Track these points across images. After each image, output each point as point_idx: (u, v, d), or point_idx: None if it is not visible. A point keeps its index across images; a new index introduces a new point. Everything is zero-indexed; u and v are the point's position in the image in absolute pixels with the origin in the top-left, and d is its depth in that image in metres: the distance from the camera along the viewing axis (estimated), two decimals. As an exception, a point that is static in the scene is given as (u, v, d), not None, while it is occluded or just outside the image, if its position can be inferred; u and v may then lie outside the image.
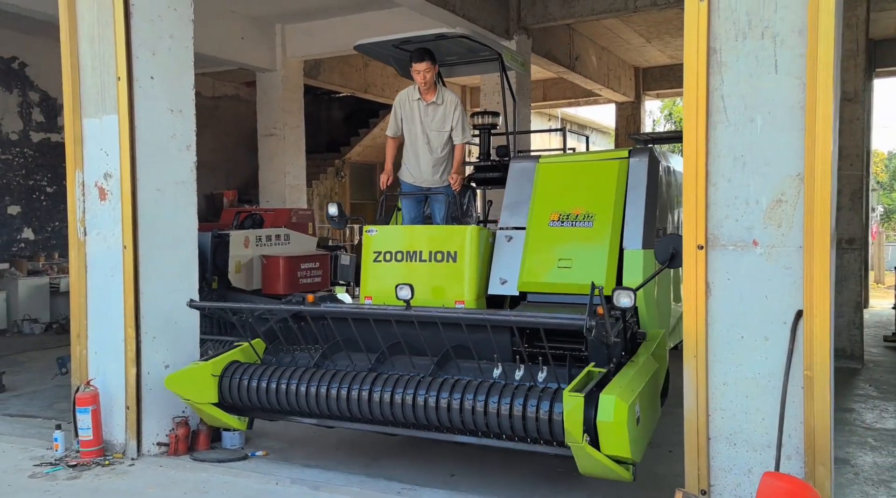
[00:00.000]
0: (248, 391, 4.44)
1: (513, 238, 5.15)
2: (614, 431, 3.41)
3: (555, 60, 12.30)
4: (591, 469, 3.57)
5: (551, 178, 5.31)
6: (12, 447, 5.07)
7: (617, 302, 3.81)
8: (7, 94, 10.69)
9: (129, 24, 4.74)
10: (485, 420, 3.78)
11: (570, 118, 23.94)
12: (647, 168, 4.95)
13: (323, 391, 4.20)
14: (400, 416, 4.01)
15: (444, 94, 5.79)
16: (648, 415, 3.81)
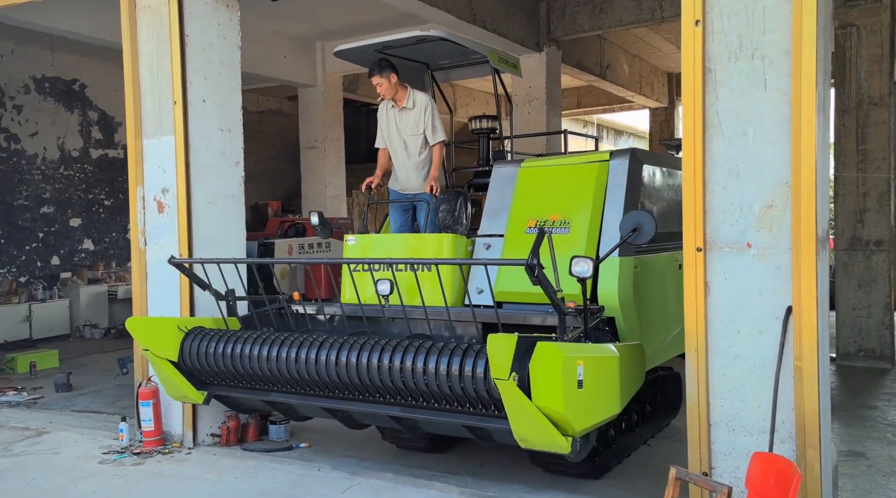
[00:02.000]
0: (206, 355, 4.44)
1: (491, 246, 4.96)
2: (546, 376, 3.30)
3: (585, 70, 12.59)
4: (526, 431, 3.44)
5: (531, 182, 5.08)
6: (83, 438, 5.60)
7: (572, 270, 3.77)
8: (69, 114, 11.43)
9: (184, 54, 5.24)
10: (412, 380, 3.72)
11: (606, 124, 24.12)
12: (627, 171, 4.72)
13: (264, 353, 4.21)
14: (326, 377, 4.01)
15: (415, 97, 5.67)
16: (597, 394, 3.65)
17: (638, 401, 5.27)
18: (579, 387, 3.40)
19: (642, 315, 4.62)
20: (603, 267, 4.39)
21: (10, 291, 10.20)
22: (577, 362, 3.39)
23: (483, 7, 9.25)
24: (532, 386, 3.33)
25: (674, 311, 5.09)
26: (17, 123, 10.69)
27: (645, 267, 4.75)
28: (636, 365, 4.26)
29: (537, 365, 3.32)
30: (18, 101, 10.69)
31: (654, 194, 5.11)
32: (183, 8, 5.21)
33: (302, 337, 4.19)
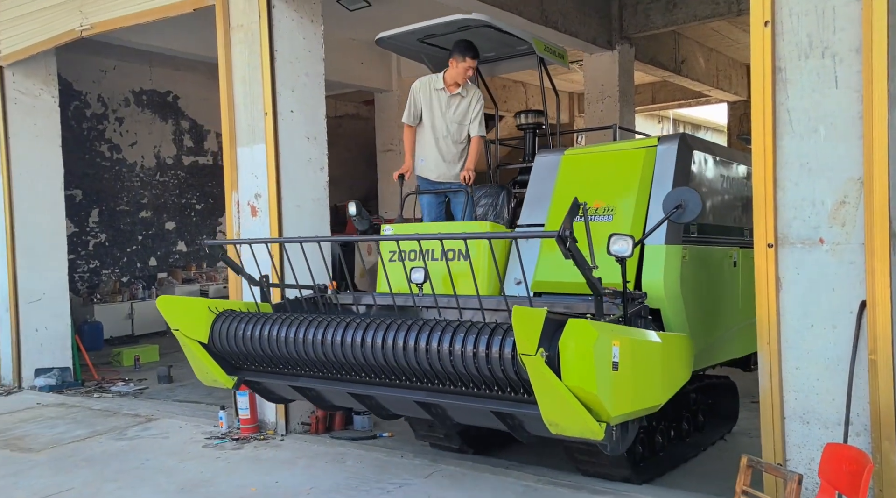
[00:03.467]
0: (235, 337, 4.30)
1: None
2: (578, 354, 3.09)
3: (660, 66, 12.48)
4: (556, 414, 3.21)
5: (574, 170, 4.85)
6: (187, 424, 6.08)
7: (611, 248, 3.56)
8: (164, 124, 12.20)
9: (274, 67, 5.62)
10: (438, 361, 3.51)
11: (682, 119, 23.64)
12: (675, 157, 4.45)
13: (291, 335, 4.05)
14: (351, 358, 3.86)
15: (468, 87, 5.58)
16: (635, 380, 3.41)
17: (690, 410, 5.25)
18: (614, 369, 3.20)
19: (690, 309, 4.36)
20: (648, 254, 4.19)
21: (114, 291, 11.01)
22: (613, 342, 3.19)
23: (554, 8, 9.36)
24: (562, 364, 3.13)
25: (727, 311, 4.87)
26: (119, 134, 11.50)
27: (694, 258, 4.52)
28: (681, 358, 4.00)
29: (568, 342, 3.11)
30: (120, 113, 11.49)
31: (707, 184, 4.83)
32: (272, 25, 5.59)
33: (328, 319, 4.03)
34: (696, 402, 5.35)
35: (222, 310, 4.50)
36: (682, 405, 5.14)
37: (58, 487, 4.72)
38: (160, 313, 4.42)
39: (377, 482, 4.59)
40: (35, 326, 7.88)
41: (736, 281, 4.99)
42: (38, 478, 4.92)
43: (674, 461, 4.90)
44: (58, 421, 6.41)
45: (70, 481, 4.83)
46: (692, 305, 4.40)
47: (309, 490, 4.49)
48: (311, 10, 5.88)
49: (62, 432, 6.01)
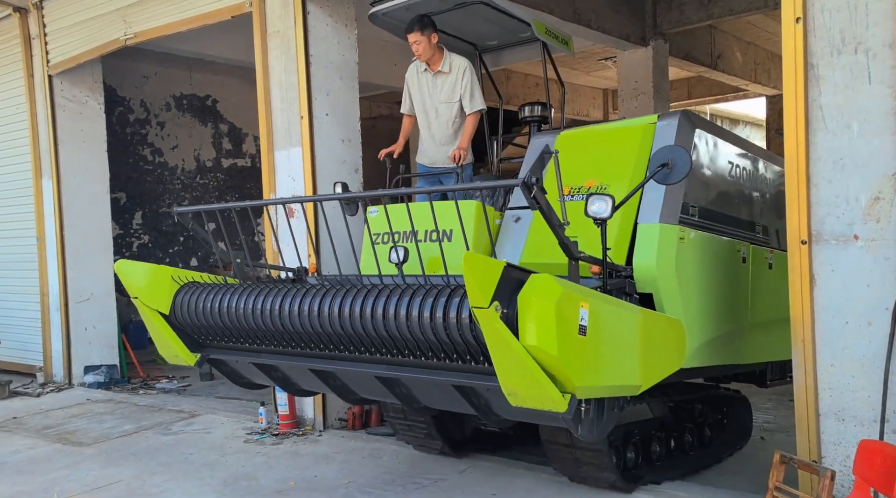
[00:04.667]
0: (197, 308, 4.07)
1: (521, 218, 4.43)
2: (538, 311, 2.79)
3: (695, 61, 12.34)
4: (514, 381, 2.92)
5: (568, 149, 4.52)
6: (228, 420, 6.26)
7: (588, 209, 3.31)
8: (203, 127, 12.49)
9: (309, 72, 5.75)
10: (394, 326, 3.26)
11: (720, 114, 23.29)
12: (675, 133, 4.17)
13: (249, 305, 3.84)
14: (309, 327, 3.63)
15: (452, 61, 5.19)
16: (607, 351, 3.12)
17: (697, 422, 5.04)
18: (581, 333, 2.90)
19: (687, 296, 4.05)
20: (641, 233, 3.90)
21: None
22: (580, 303, 2.90)
23: (586, 6, 9.34)
24: (520, 322, 2.83)
25: (734, 308, 4.55)
26: (161, 138, 11.80)
27: (695, 242, 4.22)
28: (671, 342, 3.69)
29: (528, 297, 2.82)
30: (161, 117, 11.79)
31: (711, 167, 4.50)
32: (307, 30, 5.72)
33: (287, 288, 3.80)
34: (702, 414, 5.13)
35: (188, 280, 4.28)
36: (686, 416, 5.00)
37: (107, 480, 4.92)
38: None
39: (412, 477, 4.68)
40: (84, 325, 8.18)
41: (745, 279, 4.72)
42: (89, 471, 5.13)
43: (672, 473, 4.60)
44: (106, 416, 6.65)
45: (118, 474, 5.02)
46: (689, 292, 4.09)
47: (346, 484, 4.61)
48: (345, 14, 6.00)
49: (111, 427, 6.24)
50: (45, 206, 8.26)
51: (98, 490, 4.74)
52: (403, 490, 4.48)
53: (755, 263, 4.77)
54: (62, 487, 4.81)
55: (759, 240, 4.91)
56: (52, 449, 5.70)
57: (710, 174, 4.51)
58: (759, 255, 4.85)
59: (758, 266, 4.81)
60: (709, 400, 5.22)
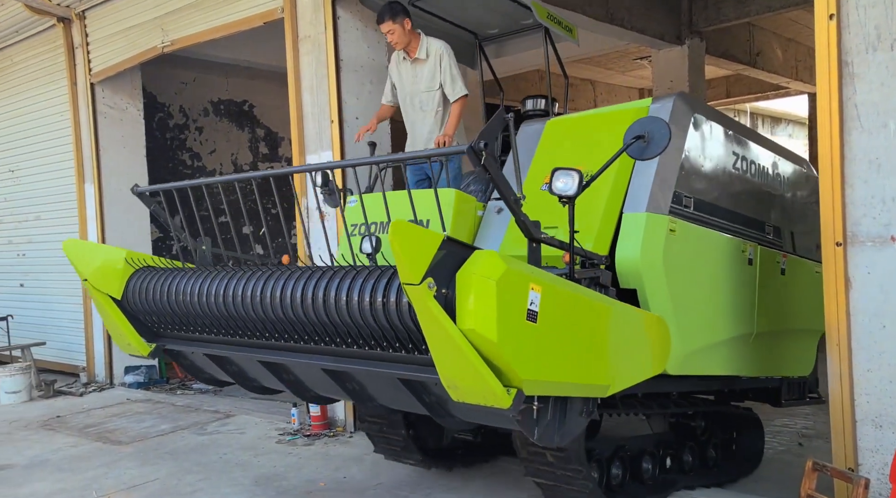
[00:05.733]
0: (148, 292, 3.82)
1: (503, 210, 4.11)
2: (478, 291, 2.49)
3: (733, 59, 12.12)
4: (452, 370, 2.62)
5: (557, 136, 4.29)
6: (261, 421, 6.35)
7: (553, 186, 3.02)
8: (240, 132, 12.70)
9: (339, 76, 5.81)
10: (336, 312, 3.02)
11: (761, 112, 22.83)
12: (669, 114, 3.83)
13: (195, 289, 3.64)
14: (251, 312, 3.43)
15: (429, 46, 4.93)
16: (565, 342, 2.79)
17: (700, 442, 4.67)
18: (530, 319, 2.58)
19: (677, 294, 3.69)
20: (626, 223, 3.57)
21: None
22: (530, 285, 2.58)
23: (620, 4, 9.25)
24: (458, 303, 2.53)
25: (737, 313, 4.20)
26: (199, 143, 12.04)
27: (687, 235, 3.85)
28: (650, 341, 3.36)
29: (468, 275, 2.53)
30: (199, 123, 12.03)
31: (710, 156, 4.14)
32: (338, 35, 5.78)
33: (230, 271, 3.60)
34: (705, 432, 4.72)
35: (143, 264, 4.01)
36: (687, 435, 4.64)
37: (144, 478, 5.03)
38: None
39: (440, 479, 4.68)
40: (124, 327, 8.38)
41: (751, 282, 4.35)
42: (127, 469, 5.25)
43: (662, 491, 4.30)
44: (145, 416, 6.81)
45: (155, 472, 5.14)
46: (680, 289, 3.74)
47: (375, 486, 4.64)
48: (375, 19, 6.03)
49: (149, 426, 6.39)
50: (88, 209, 8.49)
51: (135, 488, 4.85)
52: (431, 491, 4.49)
53: (764, 266, 4.42)
54: (100, 485, 4.93)
55: (769, 241, 4.57)
56: (92, 447, 5.86)
57: (711, 164, 4.14)
58: (770, 258, 4.52)
59: (767, 270, 4.45)
60: (715, 417, 4.81)
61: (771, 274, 4.52)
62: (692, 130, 3.96)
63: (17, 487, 5.01)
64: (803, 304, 4.79)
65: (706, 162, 4.11)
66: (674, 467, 4.42)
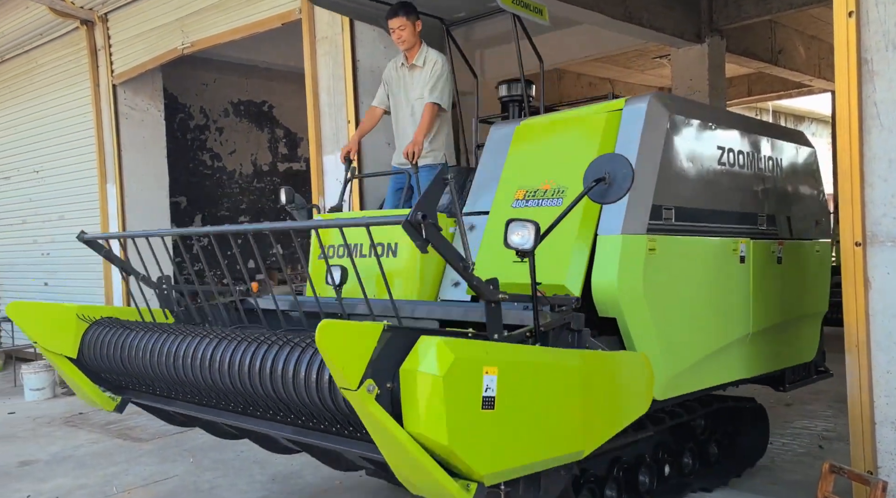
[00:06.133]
0: (102, 349, 3.59)
1: (475, 227, 3.89)
2: (423, 390, 2.25)
3: (754, 57, 11.99)
4: (405, 469, 2.42)
5: (527, 143, 3.97)
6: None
7: (508, 239, 2.77)
8: (259, 132, 12.81)
9: (356, 77, 5.85)
10: (249, 382, 2.82)
11: (783, 110, 22.58)
12: (644, 120, 3.54)
13: (140, 349, 3.43)
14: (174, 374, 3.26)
15: (427, 55, 4.87)
16: (529, 421, 2.55)
17: (699, 440, 4.46)
18: (487, 407, 2.36)
19: (661, 319, 3.49)
20: (601, 247, 3.34)
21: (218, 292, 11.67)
22: (484, 370, 2.36)
23: (638, 3, 9.19)
24: (403, 404, 2.30)
25: (731, 318, 4.00)
26: (219, 143, 12.16)
27: (671, 251, 3.59)
28: (629, 384, 3.12)
29: (410, 372, 2.29)
30: (220, 123, 12.15)
31: (693, 157, 3.84)
32: (354, 36, 5.82)
33: (178, 330, 3.37)
34: (705, 430, 4.52)
35: (98, 317, 3.79)
36: (686, 435, 4.39)
37: (163, 474, 5.09)
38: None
39: (456, 479, 4.69)
40: (145, 325, 8.49)
41: (745, 282, 4.13)
42: (146, 466, 5.32)
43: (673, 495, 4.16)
44: (164, 413, 6.89)
45: (173, 469, 5.20)
46: (665, 311, 3.53)
47: (391, 486, 4.65)
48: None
49: (167, 425, 6.44)
50: (110, 209, 8.61)
51: (154, 484, 4.91)
52: (446, 491, 4.49)
53: (758, 260, 4.22)
54: (120, 481, 5.00)
55: (762, 232, 4.32)
56: (113, 444, 5.94)
57: (693, 166, 3.86)
58: (764, 250, 4.29)
59: (762, 264, 4.24)
60: (718, 413, 4.57)
61: (766, 267, 4.31)
62: (669, 134, 3.68)
63: (40, 481, 5.10)
64: (804, 288, 4.60)
65: (688, 165, 3.85)
66: (675, 473, 4.25)
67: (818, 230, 4.90)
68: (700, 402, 4.30)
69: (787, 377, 4.70)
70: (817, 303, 4.80)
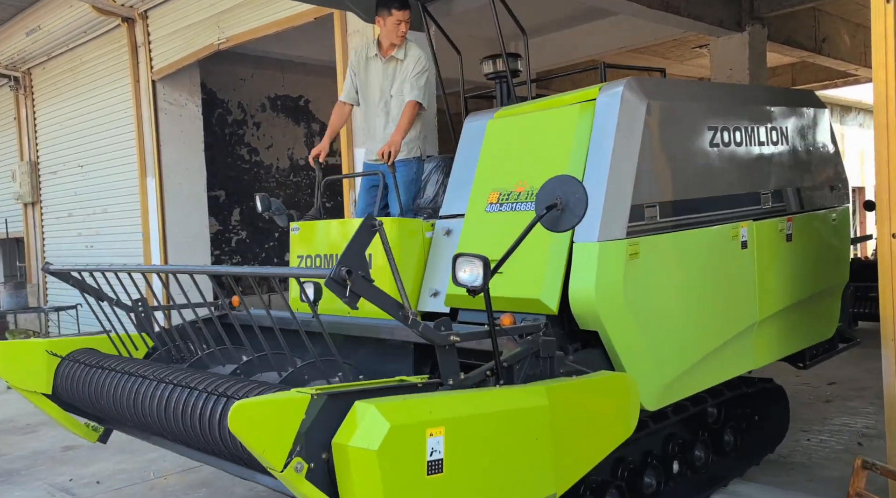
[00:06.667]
0: (74, 385, 3.45)
1: (452, 232, 3.69)
2: (356, 466, 2.08)
3: (797, 46, 11.70)
4: None
5: (500, 139, 3.71)
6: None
7: (457, 276, 2.57)
8: (296, 127, 12.96)
9: (387, 70, 5.85)
10: (174, 423, 2.75)
11: (829, 100, 21.95)
12: (618, 110, 3.24)
13: (101, 387, 3.28)
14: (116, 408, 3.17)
15: (408, 49, 4.63)
16: (486, 476, 2.37)
17: (713, 429, 4.23)
18: (433, 472, 2.17)
19: (650, 326, 3.26)
20: (577, 255, 3.10)
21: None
22: (427, 432, 2.17)
23: (676, -8, 9.04)
24: (338, 480, 2.14)
25: (734, 309, 3.74)
26: (257, 138, 12.34)
27: (656, 251, 3.32)
28: (607, 411, 2.89)
29: (341, 447, 2.11)
30: (257, 118, 12.33)
31: (678, 146, 3.55)
32: (386, 29, 5.82)
33: (127, 368, 3.21)
34: (718, 419, 4.29)
35: (75, 349, 3.63)
36: (699, 425, 4.13)
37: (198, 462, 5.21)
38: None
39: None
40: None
41: (748, 267, 3.84)
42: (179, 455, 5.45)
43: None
44: (201, 402, 7.04)
45: (209, 456, 5.31)
46: (651, 317, 3.28)
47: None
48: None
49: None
50: (150, 203, 8.83)
51: (190, 470, 5.03)
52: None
53: (763, 243, 3.91)
54: (158, 467, 5.13)
55: (767, 211, 4.01)
56: (151, 431, 6.10)
57: (679, 155, 3.56)
58: (769, 230, 3.98)
59: (767, 245, 3.95)
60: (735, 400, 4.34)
61: (773, 248, 4.02)
62: (648, 124, 3.35)
63: (82, 466, 5.27)
64: (819, 262, 4.38)
65: (673, 154, 3.53)
66: (687, 469, 4.03)
67: (834, 197, 4.62)
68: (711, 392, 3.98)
69: (806, 355, 4.46)
70: (836, 275, 4.53)
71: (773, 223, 4.05)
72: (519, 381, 2.72)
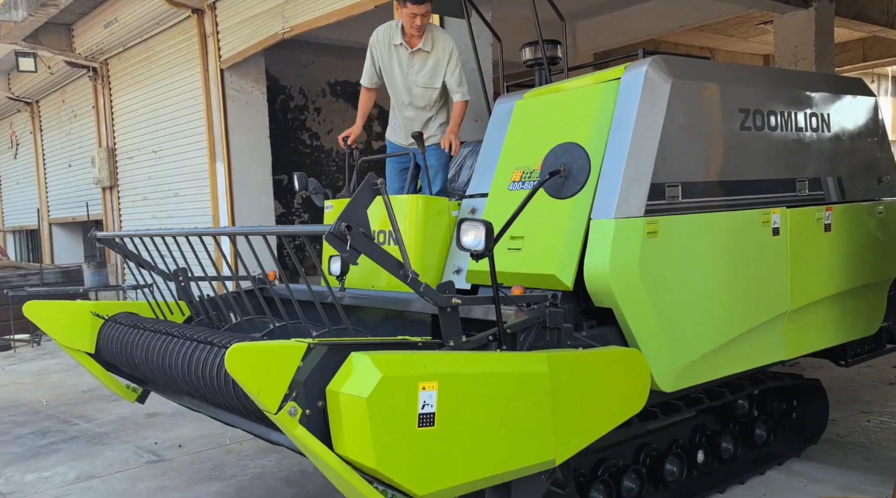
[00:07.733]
0: (115, 345, 3.70)
1: (476, 210, 3.74)
2: (347, 411, 2.16)
3: (866, 20, 11.29)
4: (341, 486, 2.31)
5: (526, 119, 3.75)
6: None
7: (461, 241, 2.64)
8: (355, 112, 13.16)
9: (445, 55, 6.00)
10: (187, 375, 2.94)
11: (904, 76, 21.00)
12: (640, 90, 3.21)
13: (132, 342, 3.55)
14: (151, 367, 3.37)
15: (436, 38, 4.51)
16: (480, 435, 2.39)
17: (744, 423, 4.21)
18: (424, 424, 2.23)
19: (668, 307, 3.21)
20: (594, 232, 3.09)
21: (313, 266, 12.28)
22: (420, 386, 2.22)
23: (738, -31, 8.87)
24: (331, 426, 2.23)
25: (762, 298, 3.64)
26: (317, 123, 12.67)
27: (677, 232, 3.27)
28: (615, 384, 2.89)
29: (334, 394, 2.20)
30: (318, 104, 12.65)
31: (705, 127, 3.49)
32: (443, 18, 5.97)
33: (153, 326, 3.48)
34: (748, 412, 4.26)
35: (119, 311, 3.92)
36: (728, 416, 4.15)
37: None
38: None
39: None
40: (251, 295, 9.10)
41: (780, 254, 3.74)
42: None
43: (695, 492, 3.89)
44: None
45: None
46: (669, 298, 3.23)
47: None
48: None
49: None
50: (219, 187, 9.23)
51: (260, 438, 5.36)
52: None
53: (796, 230, 3.81)
54: (234, 434, 5.47)
55: (804, 199, 3.92)
56: (224, 401, 6.47)
57: (704, 137, 3.50)
58: (804, 218, 3.87)
59: (802, 233, 3.85)
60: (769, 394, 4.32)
61: (808, 237, 3.90)
62: (673, 102, 3.30)
63: (164, 431, 5.67)
64: (862, 255, 4.23)
65: (697, 134, 3.46)
66: (713, 460, 4.03)
67: (882, 189, 4.47)
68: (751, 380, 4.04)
69: (848, 352, 4.37)
70: (882, 270, 4.37)
71: (808, 211, 3.93)
72: (523, 349, 2.76)
